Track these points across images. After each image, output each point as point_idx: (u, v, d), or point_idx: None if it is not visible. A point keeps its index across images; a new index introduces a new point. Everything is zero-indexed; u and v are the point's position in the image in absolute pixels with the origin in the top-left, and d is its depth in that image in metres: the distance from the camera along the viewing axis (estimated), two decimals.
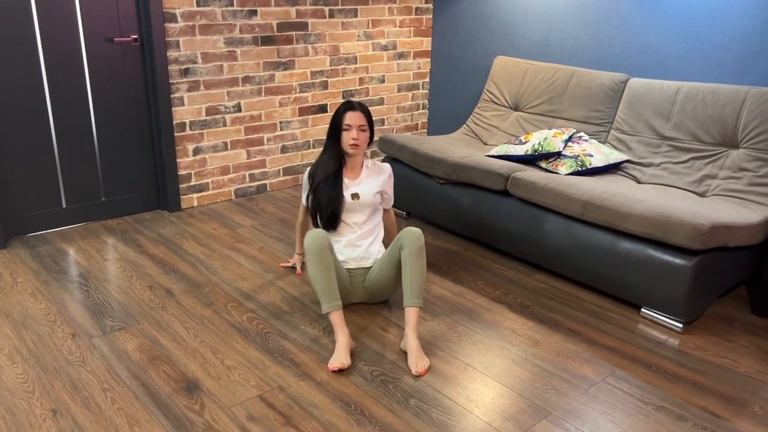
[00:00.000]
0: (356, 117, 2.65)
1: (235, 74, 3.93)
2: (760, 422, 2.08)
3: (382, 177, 2.80)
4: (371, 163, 2.83)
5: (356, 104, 2.68)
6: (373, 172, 2.80)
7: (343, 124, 2.66)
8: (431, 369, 2.33)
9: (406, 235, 2.50)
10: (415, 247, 2.47)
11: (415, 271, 2.46)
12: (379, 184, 2.77)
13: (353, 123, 2.64)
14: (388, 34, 4.61)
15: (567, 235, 2.90)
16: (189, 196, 3.95)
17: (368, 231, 2.75)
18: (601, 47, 3.80)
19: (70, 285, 2.92)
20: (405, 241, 2.49)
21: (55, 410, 2.06)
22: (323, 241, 2.43)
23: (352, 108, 2.66)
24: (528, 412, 2.10)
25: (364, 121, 2.66)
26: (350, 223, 2.74)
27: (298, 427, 2.00)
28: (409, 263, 2.46)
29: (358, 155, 2.74)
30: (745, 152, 3.01)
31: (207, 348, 2.43)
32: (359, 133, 2.65)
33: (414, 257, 2.46)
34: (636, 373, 2.34)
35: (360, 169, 2.78)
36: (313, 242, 2.42)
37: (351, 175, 2.76)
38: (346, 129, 2.66)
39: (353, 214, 2.74)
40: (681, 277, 2.52)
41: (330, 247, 2.46)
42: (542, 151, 3.36)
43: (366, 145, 2.72)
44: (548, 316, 2.74)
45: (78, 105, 3.48)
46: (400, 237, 2.52)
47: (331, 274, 2.44)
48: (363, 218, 2.75)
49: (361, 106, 2.68)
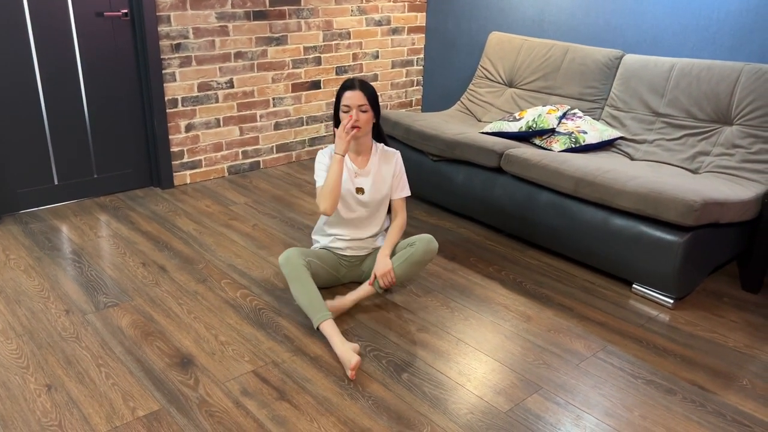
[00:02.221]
0: (355, 96, 2.42)
1: (228, 50, 3.89)
2: (747, 395, 2.11)
3: (391, 164, 2.60)
4: (382, 147, 2.62)
5: (356, 82, 2.45)
6: (382, 158, 2.59)
7: (342, 105, 2.46)
8: (424, 344, 2.35)
9: (421, 242, 2.50)
10: (417, 257, 2.49)
11: (410, 270, 2.51)
12: (390, 178, 2.59)
13: (352, 103, 2.42)
14: (382, 9, 4.57)
15: (560, 211, 2.91)
16: (182, 173, 3.93)
17: (370, 224, 2.62)
18: (596, 23, 3.77)
19: (63, 262, 2.91)
20: (417, 244, 2.50)
21: (50, 385, 2.07)
22: (296, 260, 2.41)
23: (350, 87, 2.44)
24: (519, 386, 2.13)
25: (365, 101, 2.43)
26: (350, 218, 2.58)
27: (291, 401, 2.02)
28: (400, 261, 2.49)
29: (363, 138, 2.52)
30: (739, 129, 3.01)
31: (201, 324, 2.44)
32: (360, 114, 2.43)
33: (409, 264, 2.49)
34: (626, 348, 2.36)
35: (368, 154, 2.58)
36: (286, 264, 2.41)
37: (358, 162, 2.56)
38: (345, 110, 2.45)
39: (353, 210, 2.57)
40: (673, 254, 2.53)
41: (304, 261, 2.43)
42: (536, 128, 3.35)
43: (370, 126, 2.50)
44: (540, 292, 2.76)
45: (68, 81, 3.44)
46: (415, 238, 2.53)
47: (311, 288, 2.37)
48: (365, 214, 2.59)
49: (361, 84, 2.45)
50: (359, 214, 2.58)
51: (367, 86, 2.46)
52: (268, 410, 1.98)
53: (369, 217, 2.60)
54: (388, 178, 2.59)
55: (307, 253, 2.50)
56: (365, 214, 2.59)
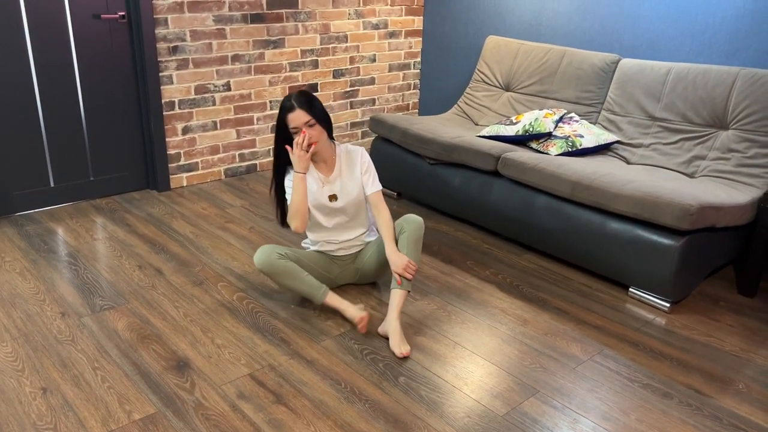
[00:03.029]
0: (299, 116, 2.34)
1: (225, 52, 3.89)
2: (743, 399, 2.11)
3: (356, 164, 2.53)
4: (344, 150, 2.54)
5: (293, 102, 2.35)
6: (347, 161, 2.53)
7: (290, 128, 2.38)
8: (421, 347, 2.35)
9: (407, 222, 2.50)
10: (414, 235, 2.48)
11: (416, 249, 2.48)
12: (359, 177, 2.53)
13: (299, 123, 2.35)
14: (380, 12, 4.57)
15: (556, 215, 2.91)
16: (178, 176, 3.93)
17: (355, 225, 2.62)
18: (593, 27, 3.78)
19: (59, 264, 2.90)
20: (405, 227, 2.49)
21: (45, 388, 2.06)
22: (270, 256, 2.43)
23: (290, 108, 2.35)
24: (516, 389, 2.13)
25: (308, 117, 2.34)
26: (333, 225, 2.58)
27: (288, 404, 2.02)
28: (405, 249, 2.47)
29: (322, 147, 2.45)
30: (735, 133, 3.02)
31: (197, 327, 2.44)
32: (309, 130, 2.36)
33: (411, 244, 2.47)
34: (623, 351, 2.36)
35: (333, 160, 2.52)
36: (264, 265, 2.43)
37: (324, 170, 2.51)
38: (294, 131, 2.37)
39: (332, 217, 2.56)
40: (669, 257, 2.54)
41: (279, 253, 2.44)
42: (533, 131, 3.36)
43: (324, 137, 2.42)
44: (537, 295, 2.76)
45: (65, 83, 3.44)
46: (400, 223, 2.52)
47: (299, 274, 2.44)
48: (345, 219, 2.58)
49: (299, 101, 2.34)
50: (339, 219, 2.58)
51: (305, 101, 2.36)
52: (264, 414, 1.97)
53: (351, 220, 2.61)
54: (358, 178, 2.54)
55: (287, 250, 2.51)
56: (345, 218, 2.59)
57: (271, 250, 2.46)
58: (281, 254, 2.46)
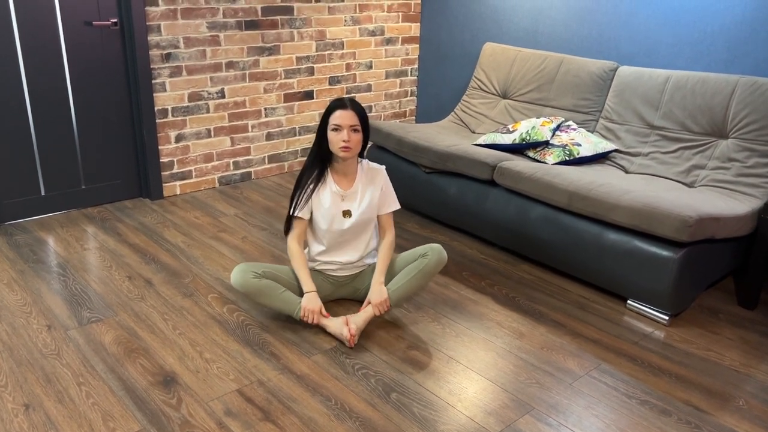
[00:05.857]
0: (347, 116, 2.32)
1: (219, 59, 3.85)
2: (743, 416, 2.06)
3: (377, 184, 2.50)
4: (366, 165, 2.52)
5: (348, 101, 2.35)
6: (368, 178, 2.50)
7: (331, 124, 2.35)
8: (415, 362, 2.29)
9: (433, 252, 2.45)
10: (430, 268, 2.44)
11: (415, 284, 2.45)
12: (376, 197, 2.49)
13: (344, 123, 2.32)
14: (376, 19, 4.53)
15: (553, 225, 2.87)
16: (171, 184, 3.88)
17: (358, 246, 2.54)
18: (591, 35, 3.74)
19: (47, 275, 2.86)
20: (429, 255, 2.45)
21: (28, 405, 2.01)
22: (245, 275, 2.38)
23: (342, 106, 2.34)
24: (511, 406, 2.07)
25: (357, 121, 2.33)
26: (337, 243, 2.50)
27: (276, 422, 1.97)
28: (407, 277, 2.43)
29: (350, 160, 2.43)
30: (734, 142, 2.98)
31: (186, 340, 2.39)
32: (351, 134, 2.33)
33: (419, 275, 2.44)
34: (621, 366, 2.31)
35: (354, 174, 2.48)
36: (241, 285, 2.39)
37: (344, 183, 2.47)
38: (336, 129, 2.34)
39: (339, 236, 2.48)
40: (667, 269, 2.49)
41: (255, 272, 2.40)
42: (530, 140, 3.32)
43: (359, 148, 2.40)
44: (533, 307, 2.71)
45: (56, 91, 3.39)
46: (426, 248, 2.47)
47: (275, 291, 2.40)
48: (352, 236, 2.51)
49: (353, 104, 2.35)
50: (346, 237, 2.51)
51: (358, 106, 2.37)
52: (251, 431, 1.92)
53: (355, 239, 2.53)
54: (375, 198, 2.50)
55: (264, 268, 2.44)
56: (352, 237, 2.52)
57: (246, 269, 2.40)
58: (256, 273, 2.40)
